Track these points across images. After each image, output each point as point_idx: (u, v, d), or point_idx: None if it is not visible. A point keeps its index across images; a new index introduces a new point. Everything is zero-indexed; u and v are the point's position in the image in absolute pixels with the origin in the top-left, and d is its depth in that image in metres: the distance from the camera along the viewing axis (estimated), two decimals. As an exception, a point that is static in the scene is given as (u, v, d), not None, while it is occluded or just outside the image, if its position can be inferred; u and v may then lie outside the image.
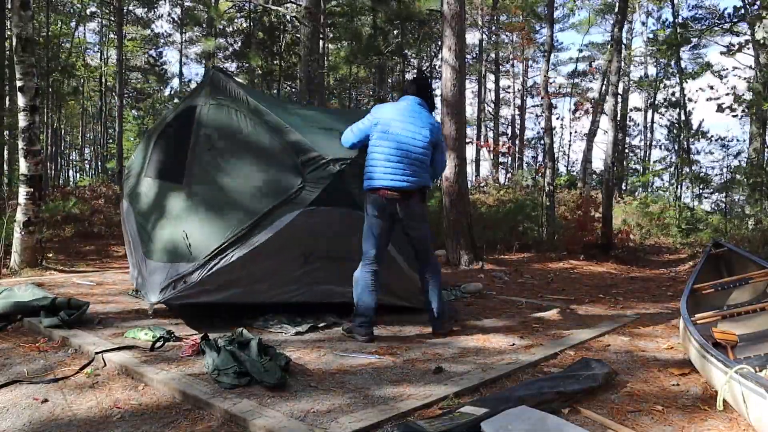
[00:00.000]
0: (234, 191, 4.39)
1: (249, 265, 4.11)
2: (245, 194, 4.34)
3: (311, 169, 4.24)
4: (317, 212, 4.22)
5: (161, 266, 4.23)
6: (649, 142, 29.04)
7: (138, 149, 5.95)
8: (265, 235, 4.10)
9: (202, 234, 4.21)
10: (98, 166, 28.10)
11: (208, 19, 20.96)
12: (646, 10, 25.82)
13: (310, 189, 4.21)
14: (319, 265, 4.36)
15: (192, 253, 4.12)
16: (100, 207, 13.20)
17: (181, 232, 4.26)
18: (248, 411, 2.58)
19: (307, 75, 11.23)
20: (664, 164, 21.98)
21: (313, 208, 4.20)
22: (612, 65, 10.83)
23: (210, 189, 4.46)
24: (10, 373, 3.20)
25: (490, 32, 23.91)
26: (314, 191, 4.21)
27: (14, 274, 6.65)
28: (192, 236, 4.20)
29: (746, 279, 4.37)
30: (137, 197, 5.27)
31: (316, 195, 4.20)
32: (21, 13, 6.82)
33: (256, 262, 4.13)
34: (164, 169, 5.10)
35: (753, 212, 11.62)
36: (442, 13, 8.56)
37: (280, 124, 4.43)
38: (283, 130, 4.41)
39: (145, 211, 4.98)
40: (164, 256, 4.28)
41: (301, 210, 4.17)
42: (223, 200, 4.37)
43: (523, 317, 4.87)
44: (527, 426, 2.31)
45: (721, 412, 2.62)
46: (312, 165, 4.25)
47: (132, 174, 5.72)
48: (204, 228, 4.25)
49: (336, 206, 4.29)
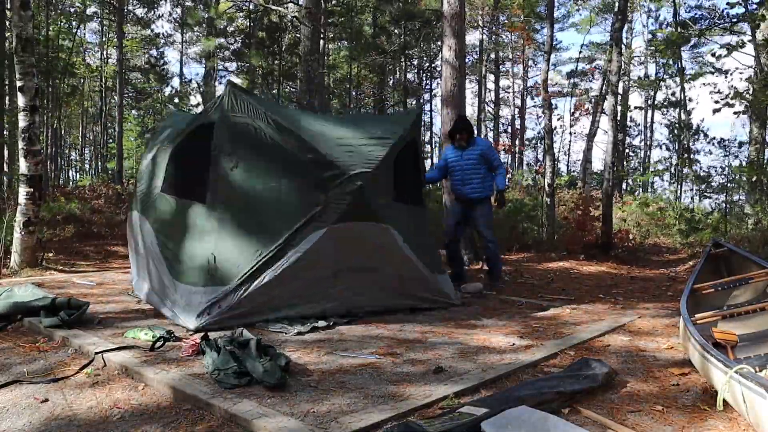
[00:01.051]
0: (260, 211, 4.41)
1: (280, 285, 4.21)
2: (271, 214, 4.38)
3: (334, 185, 4.36)
4: (343, 228, 4.37)
5: (193, 290, 4.22)
6: (649, 142, 29.05)
7: (147, 160, 5.67)
8: (295, 255, 4.23)
9: (231, 256, 4.24)
10: (98, 166, 28.10)
11: (209, 18, 20.96)
12: (646, 10, 25.83)
13: (335, 205, 4.34)
14: (348, 279, 4.51)
15: (223, 276, 4.17)
16: (100, 207, 13.19)
17: (210, 255, 4.25)
18: (248, 411, 2.58)
19: (307, 75, 11.23)
20: (664, 164, 21.99)
21: (339, 225, 4.34)
22: (612, 65, 10.82)
23: (236, 209, 4.42)
24: (10, 373, 3.20)
25: (490, 32, 23.92)
26: (339, 207, 4.34)
27: (14, 274, 6.65)
28: (221, 259, 4.22)
29: (746, 279, 4.37)
30: (154, 212, 5.13)
31: (341, 211, 4.33)
32: (21, 13, 6.82)
33: (287, 282, 4.23)
34: (184, 186, 4.96)
35: (753, 212, 11.62)
36: (443, 13, 8.56)
37: (302, 141, 4.48)
38: (305, 146, 4.46)
39: (166, 229, 4.87)
40: (196, 280, 4.26)
41: (328, 227, 4.31)
42: (249, 221, 4.38)
43: (523, 317, 4.87)
44: (527, 426, 2.31)
45: (721, 412, 2.62)
46: (335, 181, 4.36)
47: (143, 187, 5.54)
48: (233, 251, 4.27)
49: (359, 219, 4.43)
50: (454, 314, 4.87)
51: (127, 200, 14.00)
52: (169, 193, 5.05)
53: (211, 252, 4.26)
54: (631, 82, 25.58)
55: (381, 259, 4.65)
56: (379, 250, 4.62)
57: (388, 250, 4.67)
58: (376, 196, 4.54)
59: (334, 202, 4.35)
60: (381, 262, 4.65)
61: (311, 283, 4.36)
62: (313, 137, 4.56)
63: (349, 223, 4.39)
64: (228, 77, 27.06)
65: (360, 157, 4.52)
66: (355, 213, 4.40)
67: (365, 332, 4.20)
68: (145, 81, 27.40)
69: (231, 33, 21.88)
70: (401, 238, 4.71)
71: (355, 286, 4.56)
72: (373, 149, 4.65)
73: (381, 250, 4.63)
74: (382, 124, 5.33)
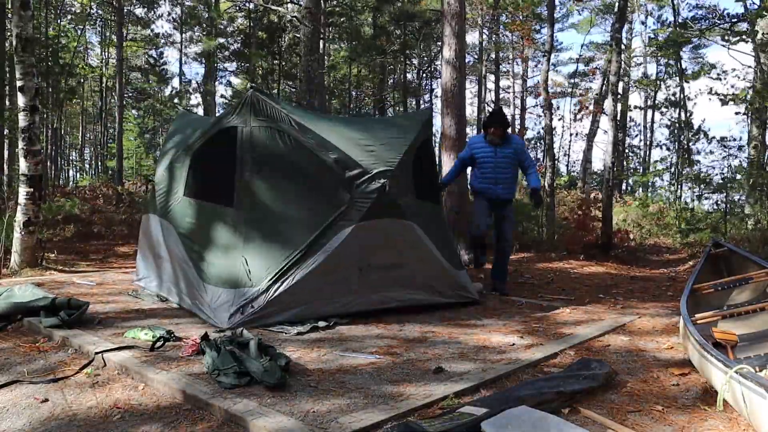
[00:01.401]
0: (287, 213, 4.51)
1: (308, 284, 4.28)
2: (298, 216, 4.48)
3: (358, 185, 4.45)
4: (368, 226, 4.45)
5: (224, 291, 4.30)
6: (649, 142, 29.03)
7: (165, 165, 5.62)
8: (322, 255, 4.30)
9: (260, 258, 4.33)
10: (98, 166, 28.09)
11: (209, 18, 20.96)
12: (646, 10, 25.82)
13: (359, 205, 4.43)
14: (373, 275, 4.58)
15: (252, 278, 4.25)
16: (100, 207, 13.19)
17: (239, 257, 4.34)
18: (248, 411, 2.58)
19: (307, 75, 11.23)
20: (665, 164, 21.98)
21: (364, 222, 4.42)
22: (612, 65, 10.82)
23: (263, 211, 4.53)
24: (10, 373, 3.20)
25: (490, 32, 23.89)
26: (363, 206, 4.43)
27: (14, 274, 6.65)
28: (251, 262, 4.30)
29: (746, 279, 4.38)
30: (178, 216, 5.14)
31: (366, 210, 4.41)
32: (21, 13, 6.82)
33: (315, 280, 4.30)
34: (208, 190, 5.02)
35: (753, 212, 11.62)
36: (443, 13, 8.56)
37: (324, 141, 4.57)
38: (327, 146, 4.55)
39: (191, 232, 4.91)
40: (226, 282, 4.34)
41: (353, 226, 4.39)
42: (276, 223, 4.48)
43: (523, 317, 4.87)
44: (527, 426, 2.31)
45: (721, 412, 2.62)
46: (358, 181, 4.45)
47: (163, 191, 5.49)
48: (261, 252, 4.36)
49: (383, 217, 4.52)
50: (454, 314, 4.87)
51: (126, 200, 14.01)
52: (192, 196, 5.09)
53: (241, 254, 4.34)
54: (631, 82, 25.57)
55: (405, 255, 4.74)
56: (404, 247, 4.71)
57: (412, 246, 4.76)
58: (398, 193, 4.63)
59: (359, 200, 4.44)
60: (406, 259, 4.74)
61: (337, 281, 4.42)
62: (334, 138, 4.65)
63: (373, 220, 4.47)
64: (228, 77, 27.12)
65: (381, 157, 4.63)
66: (380, 210, 4.48)
67: (365, 332, 4.20)
68: (145, 81, 27.40)
69: (231, 33, 21.89)
70: (424, 235, 4.81)
71: (381, 282, 4.63)
72: (392, 149, 4.77)
73: (405, 247, 4.72)
74: (397, 125, 5.42)
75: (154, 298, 5.21)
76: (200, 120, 6.18)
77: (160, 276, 5.33)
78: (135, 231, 10.95)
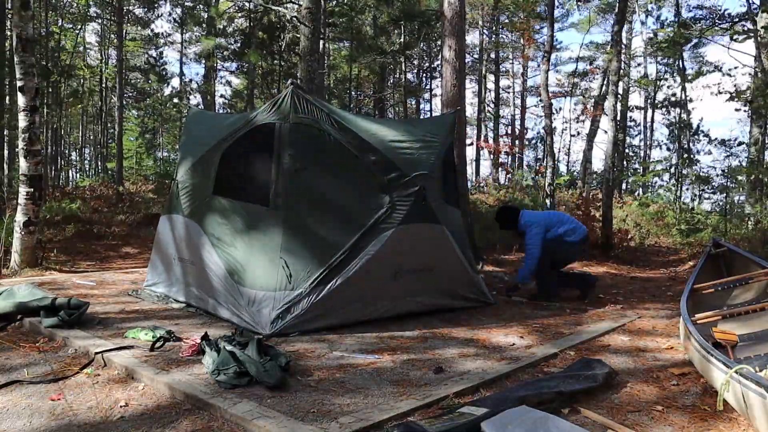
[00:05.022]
0: (328, 213, 4.41)
1: (346, 289, 4.22)
2: (339, 216, 4.41)
3: (397, 187, 4.45)
4: (405, 229, 4.43)
5: (262, 295, 4.14)
6: (649, 142, 29.02)
7: (188, 164, 5.35)
8: (365, 258, 4.27)
9: (301, 260, 4.20)
10: (98, 166, 28.07)
11: (209, 18, 20.94)
12: (646, 9, 25.79)
13: (399, 207, 4.43)
14: (407, 279, 4.57)
15: (293, 281, 4.13)
16: (100, 207, 13.19)
17: (278, 259, 4.18)
18: (248, 411, 2.58)
19: (307, 75, 11.22)
20: (665, 164, 21.98)
21: (403, 226, 4.40)
22: (612, 65, 10.82)
23: (303, 212, 4.37)
24: (10, 373, 3.20)
25: (490, 32, 23.90)
26: (402, 209, 4.43)
27: (14, 274, 6.64)
28: (291, 264, 4.16)
29: (746, 279, 4.38)
30: (203, 216, 4.89)
31: (405, 212, 4.42)
32: (21, 13, 6.82)
33: (352, 285, 4.24)
34: (240, 189, 4.79)
35: (753, 212, 11.62)
36: (443, 13, 8.56)
37: (364, 142, 4.53)
38: (367, 148, 4.51)
39: (221, 233, 4.67)
40: (263, 285, 4.18)
41: (393, 230, 4.37)
42: (316, 224, 4.37)
43: (523, 317, 4.87)
44: (527, 426, 2.31)
45: (721, 412, 2.62)
46: (398, 182, 4.46)
47: (188, 190, 5.23)
48: (303, 254, 4.23)
49: (420, 221, 4.54)
50: (454, 314, 4.87)
51: (126, 200, 14.00)
52: (224, 195, 4.83)
53: (280, 256, 4.17)
54: (631, 82, 25.55)
55: (436, 259, 4.75)
56: (435, 251, 4.73)
57: (443, 250, 4.78)
58: (433, 197, 4.66)
59: (398, 203, 4.43)
60: (436, 263, 4.75)
61: (373, 285, 4.36)
62: (373, 139, 4.61)
63: (411, 224, 4.47)
64: (228, 77, 27.09)
65: (416, 160, 4.66)
66: (417, 214, 4.50)
67: (365, 332, 4.20)
68: (145, 81, 27.38)
69: (231, 33, 21.87)
70: (452, 239, 4.83)
71: (415, 287, 4.63)
72: (425, 152, 4.79)
73: (437, 251, 4.74)
74: (426, 129, 5.30)
75: (154, 298, 5.18)
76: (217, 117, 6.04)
77: (183, 280, 5.05)
78: (135, 231, 10.98)
